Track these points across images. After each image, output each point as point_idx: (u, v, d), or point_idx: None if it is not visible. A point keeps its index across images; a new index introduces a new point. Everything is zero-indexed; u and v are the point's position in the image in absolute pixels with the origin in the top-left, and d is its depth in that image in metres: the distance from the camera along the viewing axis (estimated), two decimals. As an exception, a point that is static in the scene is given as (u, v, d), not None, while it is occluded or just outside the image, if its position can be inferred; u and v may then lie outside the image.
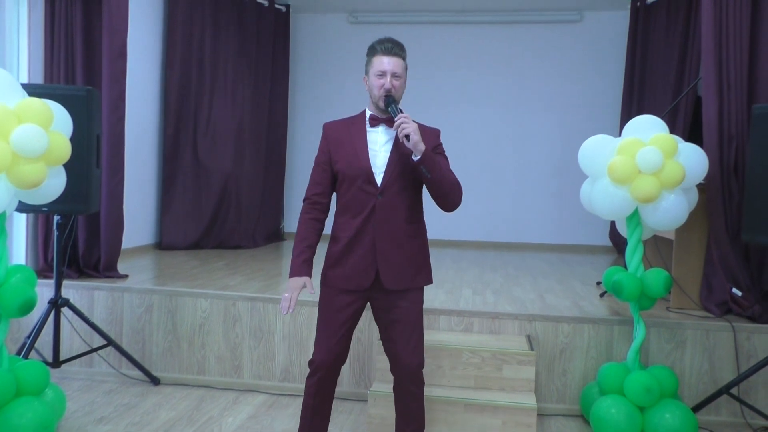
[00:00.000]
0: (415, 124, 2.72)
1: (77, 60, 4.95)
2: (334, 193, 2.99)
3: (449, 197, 2.85)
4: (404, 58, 2.90)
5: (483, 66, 8.13)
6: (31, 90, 3.35)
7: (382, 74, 2.83)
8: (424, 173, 2.72)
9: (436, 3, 7.75)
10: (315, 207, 2.93)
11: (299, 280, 2.83)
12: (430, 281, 3.02)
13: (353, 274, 2.87)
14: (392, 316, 2.90)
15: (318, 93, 8.38)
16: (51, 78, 4.91)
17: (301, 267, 2.86)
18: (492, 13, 7.97)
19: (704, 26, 4.23)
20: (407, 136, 2.66)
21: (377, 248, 2.83)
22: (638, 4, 7.16)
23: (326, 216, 2.97)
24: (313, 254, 2.92)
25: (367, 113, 2.95)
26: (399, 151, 2.82)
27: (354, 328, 2.99)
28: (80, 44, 4.94)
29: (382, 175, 2.84)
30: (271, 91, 7.81)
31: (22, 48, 4.77)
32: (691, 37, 6.31)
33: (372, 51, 2.90)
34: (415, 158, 2.71)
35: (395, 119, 2.72)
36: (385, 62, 2.83)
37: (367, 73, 2.92)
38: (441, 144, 2.99)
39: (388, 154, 2.86)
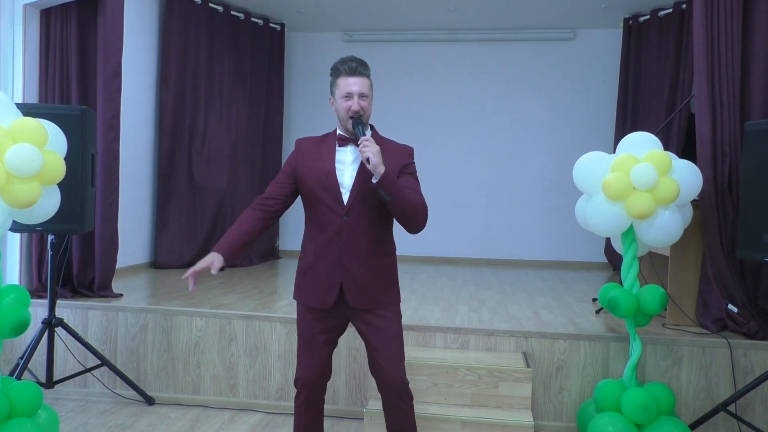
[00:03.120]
0: (377, 147, 2.65)
1: (72, 79, 4.96)
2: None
3: (411, 220, 2.76)
4: (369, 76, 2.86)
5: (477, 84, 8.17)
6: (26, 109, 3.35)
7: (349, 96, 2.79)
8: (383, 196, 2.67)
9: (429, 21, 7.81)
10: (260, 206, 2.94)
11: (212, 255, 2.84)
12: (399, 300, 2.99)
13: (317, 290, 2.88)
14: (370, 334, 2.90)
15: (313, 111, 8.40)
16: (46, 97, 4.91)
17: (222, 244, 2.88)
18: (485, 31, 8.02)
19: (696, 44, 4.26)
20: (368, 159, 2.62)
21: (342, 268, 2.82)
22: (631, 22, 7.24)
23: (269, 217, 2.94)
24: (240, 238, 2.90)
25: (338, 132, 2.93)
26: (365, 172, 2.75)
27: (334, 344, 3.01)
28: (75, 64, 4.95)
29: (348, 195, 2.82)
30: (266, 109, 7.84)
31: (17, 67, 4.77)
32: (683, 54, 6.37)
33: (336, 72, 2.85)
34: (374, 181, 2.65)
35: (358, 141, 2.69)
36: (351, 83, 2.80)
37: (332, 94, 2.88)
38: (412, 163, 2.95)
39: (355, 174, 2.84)
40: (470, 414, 3.79)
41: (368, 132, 2.87)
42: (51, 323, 4.12)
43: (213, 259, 2.81)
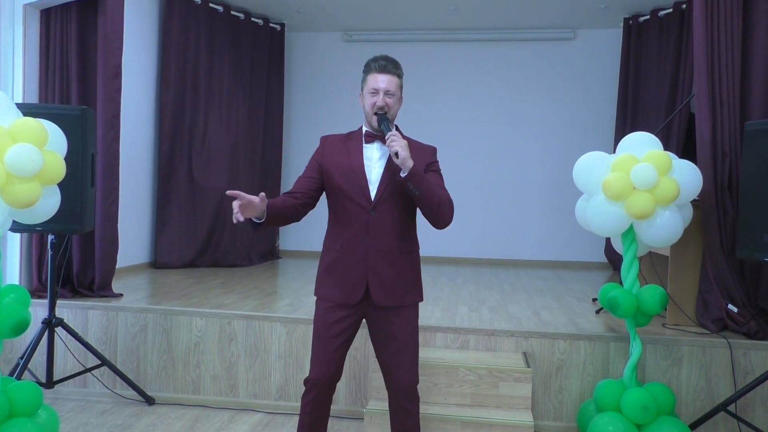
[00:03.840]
0: (405, 141, 2.71)
1: (72, 79, 4.96)
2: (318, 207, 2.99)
3: (438, 214, 2.81)
4: (399, 76, 2.91)
5: (476, 83, 8.17)
6: (26, 109, 3.36)
7: (375, 92, 2.84)
8: (412, 190, 2.71)
9: (429, 21, 7.81)
10: (287, 196, 2.90)
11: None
12: (421, 299, 3.02)
13: (343, 287, 2.88)
14: (387, 333, 2.90)
15: (313, 111, 8.40)
16: (46, 97, 4.91)
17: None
18: (485, 31, 8.02)
19: (696, 44, 4.26)
20: (396, 153, 2.66)
21: (369, 264, 2.84)
22: (631, 22, 7.23)
23: (297, 204, 2.89)
24: (280, 202, 2.83)
25: (364, 129, 2.97)
26: (392, 168, 2.80)
27: (349, 344, 2.99)
28: (75, 64, 4.95)
29: (375, 191, 2.85)
30: (266, 109, 7.84)
31: (17, 67, 4.77)
32: (683, 54, 6.37)
33: (367, 69, 2.91)
34: (403, 175, 2.69)
35: (386, 136, 2.73)
36: (379, 80, 2.85)
37: (362, 90, 2.93)
38: (436, 161, 2.99)
39: (382, 170, 2.87)
40: (470, 414, 3.80)
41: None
42: (51, 323, 4.12)
43: (259, 198, 2.68)
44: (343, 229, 2.89)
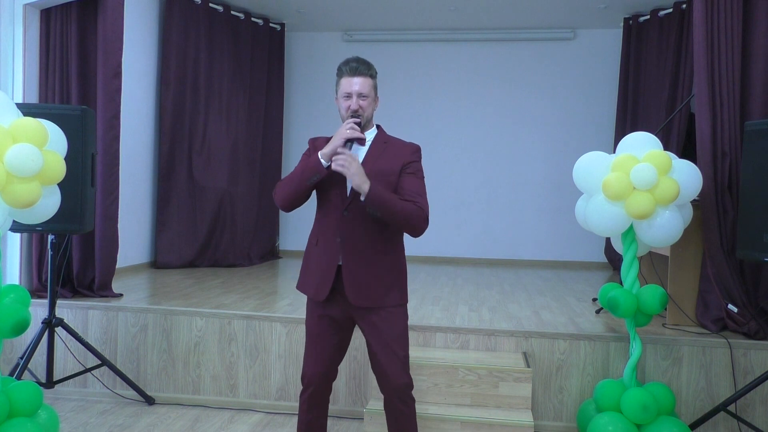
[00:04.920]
0: (357, 165, 2.66)
1: (72, 79, 4.96)
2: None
3: (406, 228, 2.80)
4: (372, 76, 2.87)
5: (477, 83, 8.17)
6: (26, 109, 3.35)
7: (349, 96, 2.83)
8: (372, 213, 2.71)
9: (430, 21, 7.80)
10: None
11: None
12: (404, 301, 2.96)
13: (313, 282, 2.91)
14: (373, 334, 2.89)
15: (313, 111, 8.40)
16: (46, 97, 4.91)
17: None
18: (486, 31, 8.02)
19: (696, 44, 4.26)
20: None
21: (343, 263, 2.83)
22: (631, 22, 7.24)
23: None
24: None
25: None
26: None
27: (342, 343, 3.00)
28: (75, 64, 4.95)
29: (349, 192, 2.83)
30: (266, 109, 7.84)
31: (17, 67, 4.77)
32: (683, 54, 6.37)
33: (339, 72, 2.88)
34: (362, 199, 2.67)
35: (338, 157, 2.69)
36: (352, 83, 2.83)
37: (336, 94, 2.92)
38: (415, 161, 2.92)
39: None
40: (470, 414, 3.80)
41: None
42: (51, 323, 4.12)
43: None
44: (321, 226, 2.91)
